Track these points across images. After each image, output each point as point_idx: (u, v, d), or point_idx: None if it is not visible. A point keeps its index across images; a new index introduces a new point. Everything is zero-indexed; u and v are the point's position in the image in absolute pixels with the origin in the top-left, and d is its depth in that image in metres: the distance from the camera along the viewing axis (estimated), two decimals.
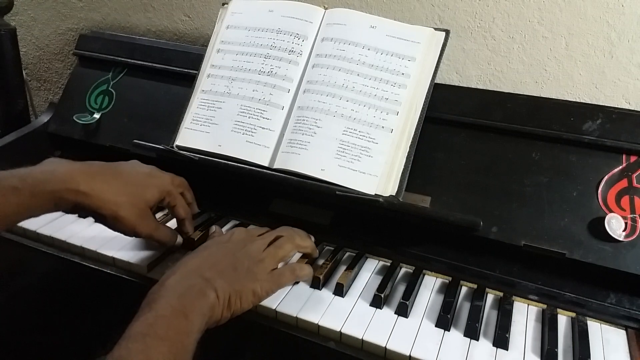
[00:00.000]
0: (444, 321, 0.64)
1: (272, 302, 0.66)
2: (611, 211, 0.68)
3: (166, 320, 0.52)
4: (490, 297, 0.71)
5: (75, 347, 0.84)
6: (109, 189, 0.65)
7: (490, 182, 0.74)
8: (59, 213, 0.83)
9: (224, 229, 0.82)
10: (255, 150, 0.80)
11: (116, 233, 0.69)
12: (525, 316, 0.68)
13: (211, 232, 0.75)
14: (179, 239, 0.75)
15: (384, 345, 0.61)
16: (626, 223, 0.67)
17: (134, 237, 0.72)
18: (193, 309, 0.54)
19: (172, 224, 0.79)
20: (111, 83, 0.99)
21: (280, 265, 0.69)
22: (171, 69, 0.94)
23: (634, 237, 0.66)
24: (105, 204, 0.65)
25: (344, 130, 0.77)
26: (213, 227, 0.76)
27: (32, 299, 0.88)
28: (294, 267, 0.68)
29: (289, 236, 0.71)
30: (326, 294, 0.69)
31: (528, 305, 0.70)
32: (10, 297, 0.87)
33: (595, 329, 0.66)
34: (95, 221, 0.68)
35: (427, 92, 0.77)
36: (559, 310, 0.68)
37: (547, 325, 0.64)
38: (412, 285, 0.69)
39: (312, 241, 0.74)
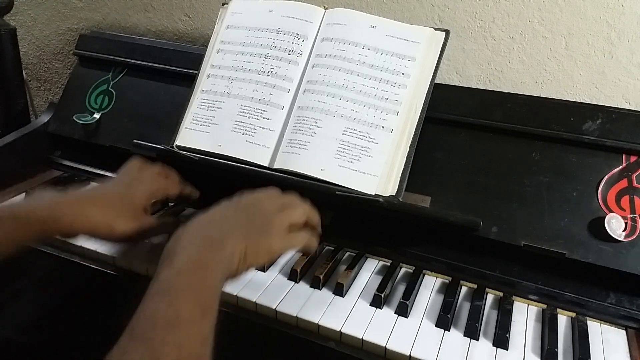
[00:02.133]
0: (444, 321, 0.64)
1: (272, 301, 0.66)
2: (611, 211, 0.68)
3: (187, 274, 0.51)
4: (490, 297, 0.71)
5: (76, 348, 0.84)
6: (96, 210, 0.65)
7: (490, 182, 0.74)
8: None
9: None
10: (255, 150, 0.80)
11: None
12: (525, 316, 0.68)
13: None
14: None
15: (384, 345, 0.61)
16: (626, 223, 0.67)
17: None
18: (212, 260, 0.54)
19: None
20: (111, 83, 0.99)
21: None
22: (171, 69, 0.94)
23: (634, 237, 0.66)
24: (97, 224, 0.65)
25: (344, 130, 0.77)
26: None
27: (33, 299, 0.88)
28: (306, 232, 0.66)
29: (301, 202, 0.69)
30: (326, 293, 0.69)
31: (528, 305, 0.70)
32: (11, 297, 0.87)
33: (595, 329, 0.66)
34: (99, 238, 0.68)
35: (427, 92, 0.77)
36: (559, 310, 0.68)
37: (547, 325, 0.64)
38: (412, 285, 0.69)
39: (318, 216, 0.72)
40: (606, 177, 0.70)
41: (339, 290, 0.68)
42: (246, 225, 0.61)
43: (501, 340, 0.62)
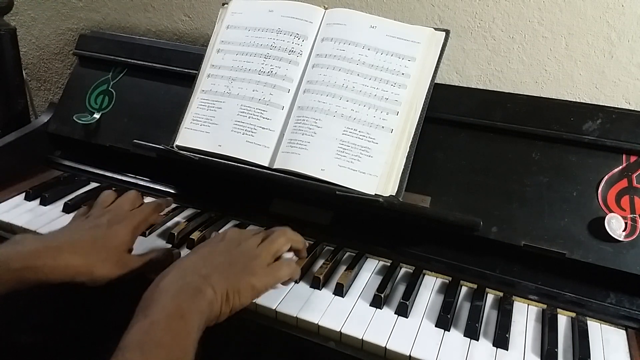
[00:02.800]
0: (444, 321, 0.64)
1: (272, 302, 0.66)
2: (611, 211, 0.68)
3: (162, 325, 0.50)
4: (490, 297, 0.71)
5: (75, 348, 0.84)
6: (76, 257, 0.63)
7: (490, 182, 0.74)
8: (60, 213, 0.84)
9: (223, 229, 0.82)
10: (255, 150, 0.80)
11: None
12: (525, 316, 0.68)
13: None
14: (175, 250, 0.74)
15: (384, 345, 0.61)
16: (626, 223, 0.67)
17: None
18: (190, 309, 0.53)
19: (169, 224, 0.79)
20: (111, 83, 0.99)
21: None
22: (171, 69, 0.94)
23: (634, 237, 0.67)
24: (78, 271, 0.63)
25: (344, 130, 0.77)
26: (213, 233, 0.74)
27: (32, 298, 0.88)
28: (290, 262, 0.67)
29: (282, 231, 0.70)
30: (326, 294, 0.69)
31: (528, 305, 0.70)
32: (10, 297, 0.87)
33: (595, 329, 0.66)
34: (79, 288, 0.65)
35: (427, 92, 0.77)
36: (559, 310, 0.68)
37: (547, 325, 0.64)
38: (412, 285, 0.69)
39: (302, 238, 0.72)
40: (606, 177, 0.70)
41: (339, 291, 0.68)
42: (227, 267, 0.60)
43: (501, 341, 0.62)
